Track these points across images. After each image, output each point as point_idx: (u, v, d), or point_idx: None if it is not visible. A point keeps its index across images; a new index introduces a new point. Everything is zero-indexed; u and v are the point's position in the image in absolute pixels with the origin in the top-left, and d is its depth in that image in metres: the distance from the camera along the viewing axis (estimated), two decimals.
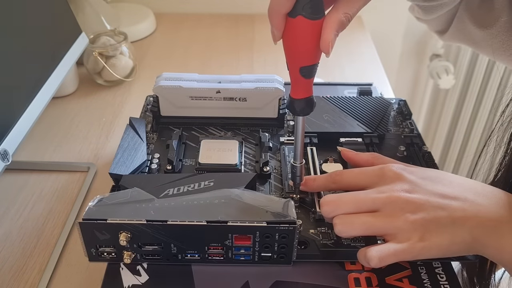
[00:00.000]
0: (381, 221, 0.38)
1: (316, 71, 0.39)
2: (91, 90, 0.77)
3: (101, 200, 0.41)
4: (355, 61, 0.86)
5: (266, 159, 0.51)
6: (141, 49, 0.89)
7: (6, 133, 0.49)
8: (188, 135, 0.56)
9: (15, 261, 0.49)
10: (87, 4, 0.82)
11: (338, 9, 0.36)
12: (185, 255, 0.42)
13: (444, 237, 0.37)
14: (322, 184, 0.45)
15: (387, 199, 0.39)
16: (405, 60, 1.14)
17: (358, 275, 0.42)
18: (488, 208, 0.38)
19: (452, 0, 0.51)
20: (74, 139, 0.66)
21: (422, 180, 0.40)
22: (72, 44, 0.65)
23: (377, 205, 0.39)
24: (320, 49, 0.37)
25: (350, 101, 0.60)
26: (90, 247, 0.41)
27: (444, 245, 0.37)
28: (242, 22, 0.99)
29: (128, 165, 0.49)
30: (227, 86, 0.55)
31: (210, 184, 0.44)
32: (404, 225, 0.38)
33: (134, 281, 0.42)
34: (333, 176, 0.44)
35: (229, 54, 0.88)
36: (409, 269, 0.42)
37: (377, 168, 0.42)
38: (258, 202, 0.41)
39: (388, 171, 0.41)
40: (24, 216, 0.54)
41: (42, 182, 0.59)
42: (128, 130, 0.54)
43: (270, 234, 0.40)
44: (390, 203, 0.39)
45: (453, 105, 1.18)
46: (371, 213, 0.39)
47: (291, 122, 0.58)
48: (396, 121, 0.59)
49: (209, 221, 0.39)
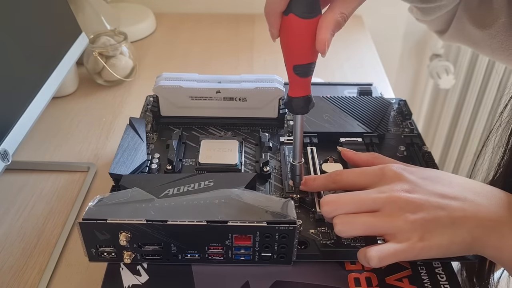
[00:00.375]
0: (381, 221, 0.38)
1: (313, 71, 0.39)
2: (91, 90, 0.77)
3: (101, 200, 0.41)
4: (355, 61, 0.86)
5: (266, 159, 0.51)
6: (141, 49, 0.89)
7: (6, 133, 0.49)
8: (188, 135, 0.56)
9: (15, 261, 0.49)
10: (87, 4, 0.82)
11: (334, 9, 0.36)
12: (185, 255, 0.42)
13: (443, 237, 0.37)
14: (322, 184, 0.45)
15: (387, 199, 0.39)
16: (405, 60, 1.14)
17: (358, 275, 0.42)
18: (487, 208, 0.38)
19: (451, 2, 0.51)
20: (74, 139, 0.66)
21: (422, 180, 0.40)
22: (72, 44, 0.65)
23: (377, 205, 0.39)
24: (316, 48, 0.37)
25: (350, 101, 0.60)
26: (90, 247, 0.41)
27: (444, 245, 0.37)
28: (242, 22, 0.99)
29: (128, 165, 0.49)
30: (227, 86, 0.55)
31: (210, 184, 0.44)
32: (404, 225, 0.38)
33: (134, 281, 0.42)
34: (333, 176, 0.44)
35: (229, 54, 0.88)
36: (409, 269, 0.42)
37: (377, 168, 0.42)
38: (258, 202, 0.41)
39: (388, 171, 0.41)
40: (24, 216, 0.54)
41: (42, 182, 0.59)
42: (128, 130, 0.54)
43: (270, 234, 0.40)
44: (390, 203, 0.39)
45: (453, 105, 1.18)
46: (371, 213, 0.39)
47: (291, 122, 0.58)
48: (396, 121, 0.59)
49: (209, 221, 0.39)
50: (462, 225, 0.37)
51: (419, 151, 0.54)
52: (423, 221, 0.38)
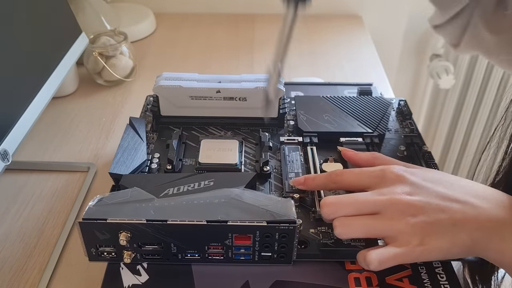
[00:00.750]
0: (382, 224, 0.38)
1: None
2: (91, 90, 0.77)
3: (101, 199, 0.41)
4: (355, 61, 0.86)
5: (266, 158, 0.51)
6: (141, 49, 0.89)
7: (6, 133, 0.49)
8: (188, 134, 0.56)
9: (15, 261, 0.49)
10: (87, 4, 0.82)
11: None
12: (185, 254, 0.42)
13: (444, 240, 0.37)
14: (322, 183, 0.45)
15: (388, 201, 0.39)
16: (405, 60, 1.14)
17: (358, 274, 0.42)
18: (489, 210, 0.38)
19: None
20: (74, 139, 0.66)
21: (423, 182, 0.40)
22: (72, 44, 0.65)
23: (378, 208, 0.39)
24: None
25: (350, 101, 0.60)
26: (90, 247, 0.41)
27: (444, 248, 0.37)
28: (242, 22, 0.99)
29: (128, 165, 0.49)
30: (227, 86, 0.55)
31: (210, 184, 0.44)
32: (405, 228, 0.38)
33: (134, 281, 0.42)
34: (333, 176, 0.44)
35: (229, 54, 0.88)
36: (409, 269, 0.42)
37: (378, 169, 0.42)
38: (258, 202, 0.41)
39: (389, 173, 0.41)
40: (24, 216, 0.54)
41: (42, 182, 0.59)
42: (128, 130, 0.54)
43: (270, 234, 0.40)
44: (391, 206, 0.39)
45: (453, 105, 1.18)
46: (372, 216, 0.39)
47: (291, 122, 0.58)
48: (396, 121, 0.59)
49: (209, 221, 0.39)
50: (463, 227, 0.37)
51: (419, 151, 0.54)
52: (423, 224, 0.37)
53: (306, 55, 0.86)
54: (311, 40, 0.91)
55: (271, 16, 0.99)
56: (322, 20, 0.99)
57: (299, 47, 0.89)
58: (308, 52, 0.87)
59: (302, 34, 0.93)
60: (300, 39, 0.91)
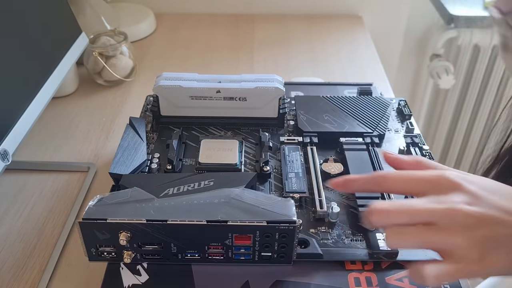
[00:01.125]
0: (439, 237, 0.35)
1: None
2: (91, 90, 0.77)
3: (101, 199, 0.41)
4: (355, 61, 0.86)
5: (266, 158, 0.51)
6: (141, 49, 0.89)
7: (6, 133, 0.49)
8: (188, 134, 0.56)
9: (15, 261, 0.49)
10: (87, 4, 0.82)
11: None
12: (185, 254, 0.42)
13: (503, 257, 0.34)
14: (364, 186, 0.41)
15: (446, 211, 0.35)
16: (405, 60, 1.14)
17: (358, 274, 0.42)
18: None
19: None
20: (74, 139, 0.66)
21: (482, 191, 0.36)
22: (72, 44, 0.65)
23: (434, 218, 0.35)
24: None
25: (350, 101, 0.60)
26: (90, 247, 0.41)
27: (504, 264, 0.34)
28: (242, 22, 0.99)
29: (128, 165, 0.49)
30: (227, 86, 0.55)
31: (210, 184, 0.44)
32: (463, 243, 0.34)
33: (134, 280, 0.42)
34: (379, 178, 0.39)
35: (229, 54, 0.88)
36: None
37: (431, 174, 0.38)
38: (258, 202, 0.41)
39: (444, 179, 0.37)
40: (24, 216, 0.54)
41: (42, 182, 0.59)
42: (128, 130, 0.54)
43: (270, 234, 0.40)
44: (449, 216, 0.35)
45: (453, 105, 1.18)
46: (427, 227, 0.35)
47: (291, 122, 0.58)
48: (396, 121, 0.59)
49: (209, 221, 0.39)
50: None
51: (419, 151, 0.54)
52: (483, 239, 0.34)
53: (306, 55, 0.86)
54: (311, 40, 0.91)
55: (271, 16, 0.99)
56: (322, 20, 0.99)
57: (299, 47, 0.89)
58: (308, 52, 0.87)
59: (302, 34, 0.93)
60: (300, 39, 0.91)
